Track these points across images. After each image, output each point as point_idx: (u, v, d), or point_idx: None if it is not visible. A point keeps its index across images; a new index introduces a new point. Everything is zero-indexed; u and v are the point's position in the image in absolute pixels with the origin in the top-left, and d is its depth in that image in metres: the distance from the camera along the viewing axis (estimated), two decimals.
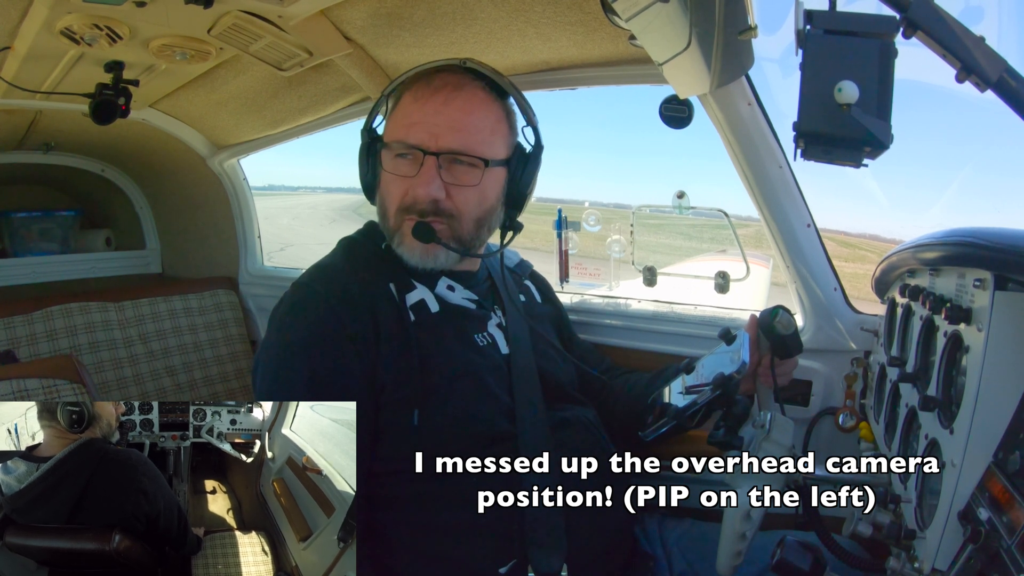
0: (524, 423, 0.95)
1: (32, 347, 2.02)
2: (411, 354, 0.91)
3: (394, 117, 1.00)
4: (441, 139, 0.95)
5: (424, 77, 1.00)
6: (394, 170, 0.97)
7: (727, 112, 1.12)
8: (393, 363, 0.90)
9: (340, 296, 0.93)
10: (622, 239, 1.77)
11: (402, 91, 1.01)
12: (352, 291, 0.94)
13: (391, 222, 0.99)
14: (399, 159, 0.97)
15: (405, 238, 0.97)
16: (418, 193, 0.95)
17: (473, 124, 0.97)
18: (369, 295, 0.94)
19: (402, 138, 0.96)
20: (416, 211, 0.96)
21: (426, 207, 0.95)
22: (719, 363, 0.95)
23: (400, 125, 0.98)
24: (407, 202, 0.96)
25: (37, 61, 1.40)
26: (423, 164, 0.94)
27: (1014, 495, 0.53)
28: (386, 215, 1.00)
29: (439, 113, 0.96)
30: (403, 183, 0.96)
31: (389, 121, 1.01)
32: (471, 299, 1.03)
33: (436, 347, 0.94)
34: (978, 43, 0.54)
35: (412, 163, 0.96)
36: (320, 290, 0.95)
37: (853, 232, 14.44)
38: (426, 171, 0.94)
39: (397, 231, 0.98)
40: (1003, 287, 0.62)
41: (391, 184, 0.98)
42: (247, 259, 2.50)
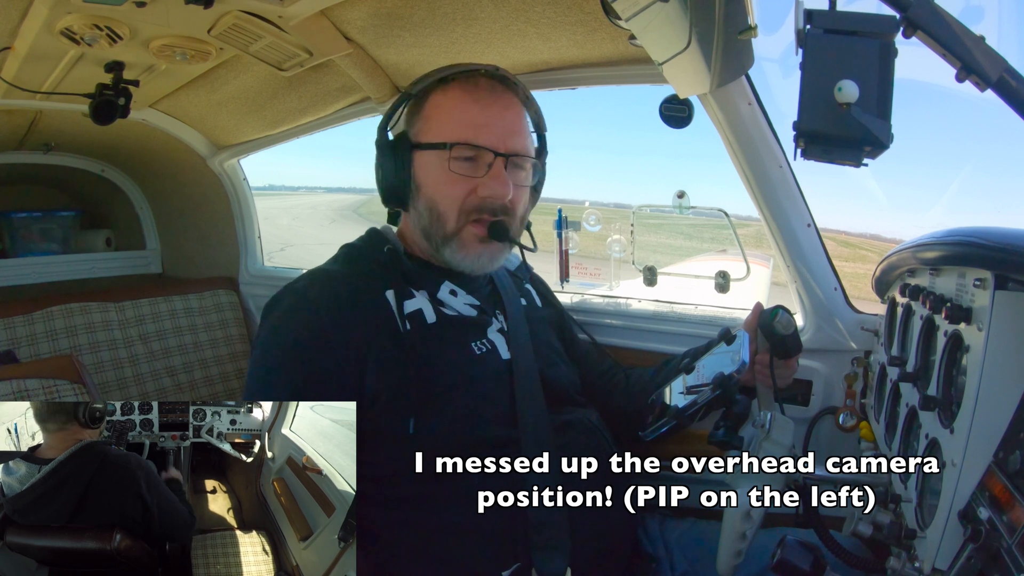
0: (527, 428, 0.95)
1: (32, 347, 2.03)
2: (406, 364, 0.90)
3: (442, 118, 0.98)
4: (507, 141, 0.97)
5: (464, 79, 1.00)
6: (458, 170, 0.96)
7: (727, 112, 1.12)
8: (386, 372, 0.90)
9: (331, 304, 0.92)
10: (622, 239, 1.77)
11: (431, 91, 1.00)
12: (344, 299, 0.93)
13: (449, 225, 0.97)
14: (462, 160, 0.96)
15: (467, 240, 0.98)
16: (497, 193, 0.96)
17: (524, 128, 1.03)
18: (363, 304, 0.93)
19: (469, 139, 0.96)
20: (487, 211, 0.97)
21: (498, 207, 0.97)
22: (719, 363, 0.95)
23: (461, 126, 0.97)
24: (473, 203, 0.96)
25: (37, 61, 1.40)
26: (492, 165, 0.96)
27: (1014, 494, 0.53)
28: (440, 218, 0.98)
29: (502, 116, 0.99)
30: (467, 183, 0.96)
31: (431, 122, 0.99)
32: (473, 304, 1.03)
33: (431, 358, 0.93)
34: (978, 43, 0.54)
35: (476, 164, 0.96)
36: (312, 296, 0.94)
37: (854, 232, 14.47)
38: (500, 171, 0.96)
39: (456, 235, 0.98)
40: (1003, 287, 0.62)
41: (450, 185, 0.96)
42: (247, 259, 2.51)
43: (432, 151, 0.98)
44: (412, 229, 1.05)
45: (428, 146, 0.98)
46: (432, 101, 1.01)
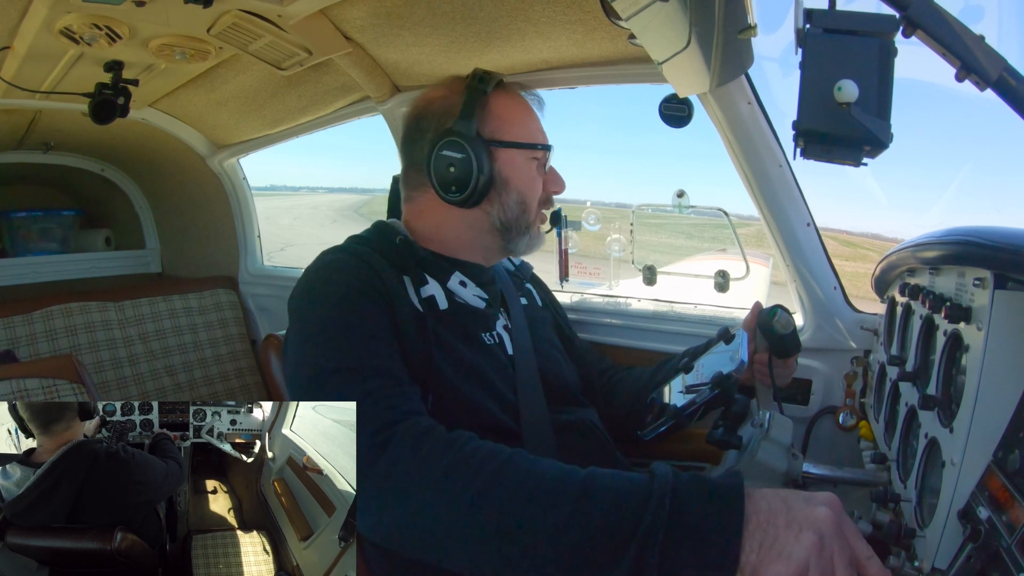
0: (528, 425, 0.95)
1: (32, 347, 2.03)
2: (426, 343, 0.90)
3: (517, 119, 1.05)
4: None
5: (515, 86, 1.09)
6: (536, 169, 1.06)
7: (727, 111, 1.12)
8: (408, 347, 0.88)
9: (359, 269, 0.91)
10: (622, 238, 1.77)
11: (493, 92, 1.04)
12: (366, 271, 0.91)
13: (531, 216, 1.06)
14: (533, 160, 1.05)
15: (537, 229, 1.09)
16: (562, 188, 1.10)
17: None
18: (386, 278, 0.91)
19: (538, 140, 1.06)
20: (549, 203, 1.10)
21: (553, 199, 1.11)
22: (718, 362, 0.95)
23: (533, 128, 1.07)
24: (544, 197, 1.08)
25: (37, 61, 1.40)
26: (548, 162, 1.08)
27: (1014, 494, 0.53)
28: (527, 211, 1.05)
29: (539, 120, 1.10)
30: (539, 179, 1.07)
31: (505, 122, 1.03)
32: (481, 296, 1.03)
33: (446, 341, 0.93)
34: (978, 42, 0.54)
35: (539, 163, 1.06)
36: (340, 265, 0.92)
37: (856, 231, 14.47)
38: (555, 170, 1.10)
39: (533, 224, 1.08)
40: (1003, 286, 0.62)
41: (532, 181, 1.05)
42: (247, 259, 2.50)
43: (516, 149, 1.03)
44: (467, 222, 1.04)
45: (516, 144, 1.03)
46: (500, 102, 1.04)
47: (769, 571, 0.56)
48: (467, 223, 1.04)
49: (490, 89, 1.02)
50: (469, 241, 1.05)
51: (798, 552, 0.56)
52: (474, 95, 1.01)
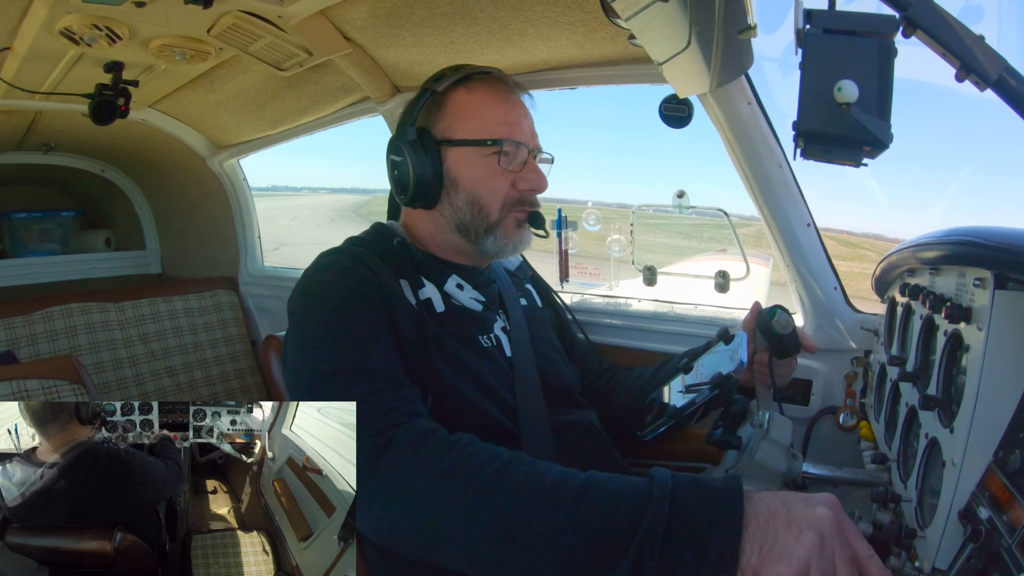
0: (527, 426, 0.95)
1: (32, 347, 2.03)
2: (424, 344, 0.90)
3: (476, 115, 1.00)
4: (534, 140, 1.04)
5: (484, 79, 1.03)
6: (503, 165, 1.00)
7: (727, 111, 1.12)
8: (406, 348, 0.88)
9: (357, 269, 0.91)
10: (622, 238, 1.77)
11: (453, 90, 1.02)
12: (364, 272, 0.91)
13: (492, 216, 1.01)
14: (499, 155, 0.99)
15: (508, 229, 1.02)
16: (538, 186, 1.03)
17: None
18: (383, 280, 0.92)
19: (507, 135, 1.00)
20: (528, 202, 1.03)
21: (535, 199, 1.04)
22: (717, 362, 0.95)
23: (497, 124, 1.00)
24: (514, 196, 1.01)
25: (37, 61, 1.40)
26: (527, 161, 1.01)
27: (1014, 494, 0.53)
28: (483, 210, 1.00)
29: (527, 116, 1.04)
30: (508, 177, 1.00)
31: (461, 119, 1.00)
32: (478, 299, 1.03)
33: (442, 344, 0.93)
34: (978, 42, 0.54)
35: (512, 159, 1.00)
36: (338, 267, 0.93)
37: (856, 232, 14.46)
38: (534, 166, 1.03)
39: (498, 225, 1.01)
40: (1003, 286, 0.62)
41: (494, 179, 1.00)
42: (247, 259, 2.50)
43: (469, 147, 0.99)
44: (435, 224, 1.04)
45: (465, 142, 1.00)
46: (457, 99, 1.01)
47: (770, 572, 0.56)
48: (434, 225, 1.04)
49: (445, 87, 1.02)
50: (443, 243, 1.05)
51: (799, 552, 0.56)
52: (422, 95, 1.03)
